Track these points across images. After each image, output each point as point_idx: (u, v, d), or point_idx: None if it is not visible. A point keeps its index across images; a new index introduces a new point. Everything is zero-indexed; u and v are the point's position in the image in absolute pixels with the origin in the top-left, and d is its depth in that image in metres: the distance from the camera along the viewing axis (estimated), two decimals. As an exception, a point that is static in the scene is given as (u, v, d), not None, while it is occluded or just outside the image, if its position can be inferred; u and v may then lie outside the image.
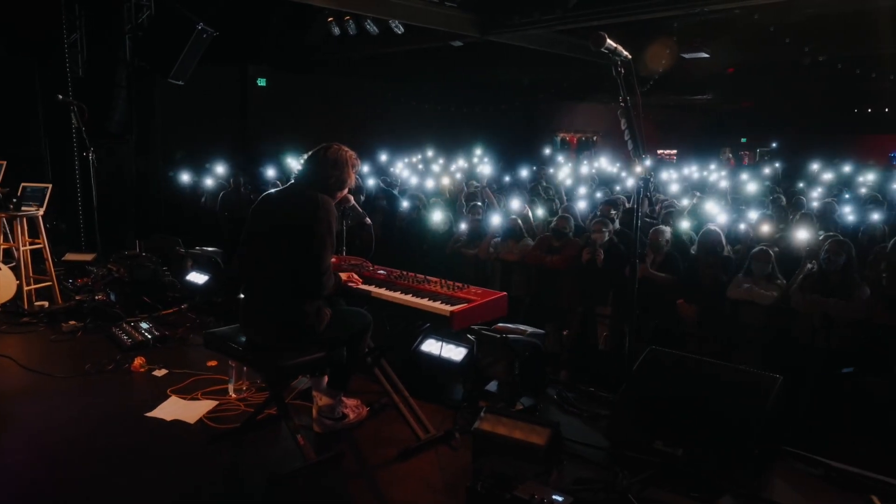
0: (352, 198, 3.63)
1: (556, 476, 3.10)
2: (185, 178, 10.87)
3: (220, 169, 11.57)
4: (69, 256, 7.23)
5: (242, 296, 3.36)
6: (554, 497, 2.77)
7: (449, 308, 3.12)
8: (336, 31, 11.26)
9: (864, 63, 12.80)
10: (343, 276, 3.47)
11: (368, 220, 3.77)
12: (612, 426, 3.53)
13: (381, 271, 3.72)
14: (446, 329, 4.07)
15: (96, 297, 5.81)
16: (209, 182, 10.80)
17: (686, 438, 3.15)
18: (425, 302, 3.25)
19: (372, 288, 3.49)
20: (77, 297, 6.01)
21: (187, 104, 12.54)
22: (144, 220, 8.83)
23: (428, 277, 3.56)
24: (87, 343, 5.10)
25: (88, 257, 7.13)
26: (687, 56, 10.80)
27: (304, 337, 3.20)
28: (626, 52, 2.59)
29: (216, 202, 9.89)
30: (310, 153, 3.38)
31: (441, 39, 12.27)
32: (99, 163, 7.50)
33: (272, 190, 3.53)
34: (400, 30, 10.75)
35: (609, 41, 2.52)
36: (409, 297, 3.33)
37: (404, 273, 3.67)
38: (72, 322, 5.38)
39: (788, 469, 3.27)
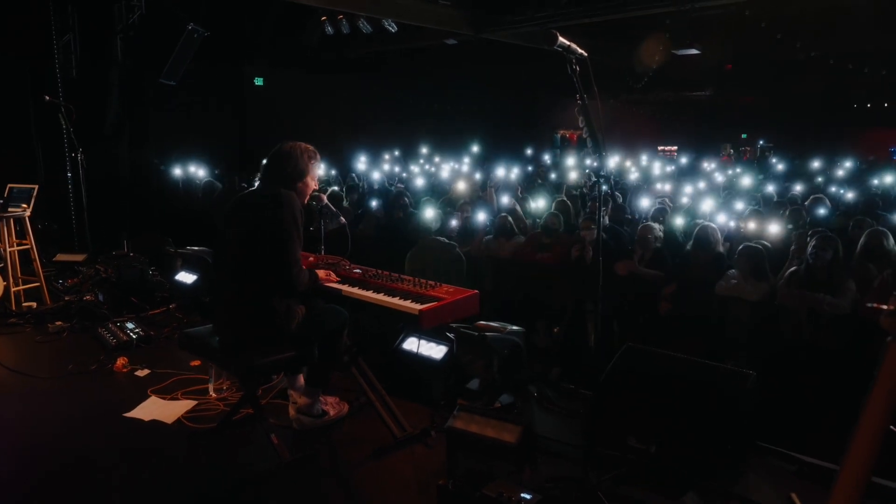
0: (324, 197, 3.64)
1: (529, 473, 3.10)
2: (179, 177, 10.89)
3: (216, 168, 11.58)
4: (60, 257, 7.25)
5: (214, 296, 3.37)
6: (522, 495, 2.76)
7: (418, 307, 3.12)
8: (329, 30, 11.25)
9: (856, 58, 12.72)
10: (321, 273, 3.47)
11: (343, 220, 3.77)
12: (587, 423, 3.53)
13: (357, 270, 3.72)
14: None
15: (84, 298, 5.83)
16: (205, 181, 10.80)
17: (659, 435, 3.14)
18: (396, 301, 3.25)
19: (344, 287, 3.49)
20: (66, 298, 6.03)
21: (184, 103, 12.57)
22: (136, 219, 8.85)
23: (402, 276, 3.56)
24: (72, 343, 5.12)
25: (79, 258, 7.15)
26: (679, 52, 10.75)
27: (274, 335, 3.20)
28: (580, 50, 2.58)
29: (211, 201, 9.89)
30: (268, 155, 3.41)
31: (435, 38, 12.26)
32: (91, 163, 7.53)
33: (240, 194, 3.55)
34: (393, 28, 10.74)
35: (562, 39, 2.51)
36: (380, 296, 3.33)
37: (379, 272, 3.66)
38: (58, 322, 5.40)
39: (762, 464, 3.26)
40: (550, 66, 16.32)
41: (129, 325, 5.18)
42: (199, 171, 11.38)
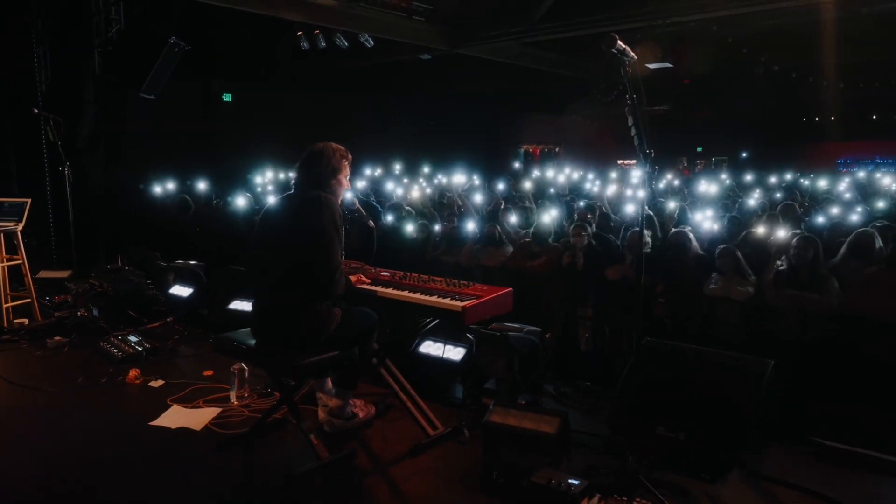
0: (357, 201, 3.70)
1: (566, 465, 3.20)
2: (155, 192, 10.75)
3: (190, 184, 11.46)
4: (43, 274, 7.07)
5: (253, 300, 3.40)
6: (570, 481, 2.87)
7: (460, 304, 3.22)
8: (305, 45, 11.31)
9: (816, 73, 13.40)
10: (353, 277, 3.53)
11: (371, 224, 3.84)
12: (613, 415, 3.66)
13: (385, 273, 3.80)
14: (447, 328, 4.18)
15: (78, 313, 5.71)
16: (178, 197, 10.65)
17: (686, 423, 3.30)
18: (435, 299, 3.34)
19: (378, 288, 3.56)
20: (56, 314, 5.90)
21: (153, 120, 12.42)
22: (116, 234, 8.70)
23: (432, 277, 3.66)
24: (74, 358, 5.03)
25: (64, 274, 7.00)
26: (651, 66, 11.17)
27: (315, 337, 3.25)
28: (633, 54, 2.76)
29: (186, 217, 9.78)
30: (301, 157, 3.45)
31: (410, 53, 12.43)
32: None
33: (276, 198, 3.58)
34: (370, 43, 10.86)
35: (619, 42, 2.68)
36: (418, 296, 3.41)
37: (407, 273, 3.75)
38: (57, 338, 5.29)
39: (781, 448, 3.44)
40: (515, 84, 16.72)
41: (132, 338, 5.12)
42: (169, 187, 11.23)
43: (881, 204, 8.57)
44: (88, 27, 8.50)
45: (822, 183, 13.24)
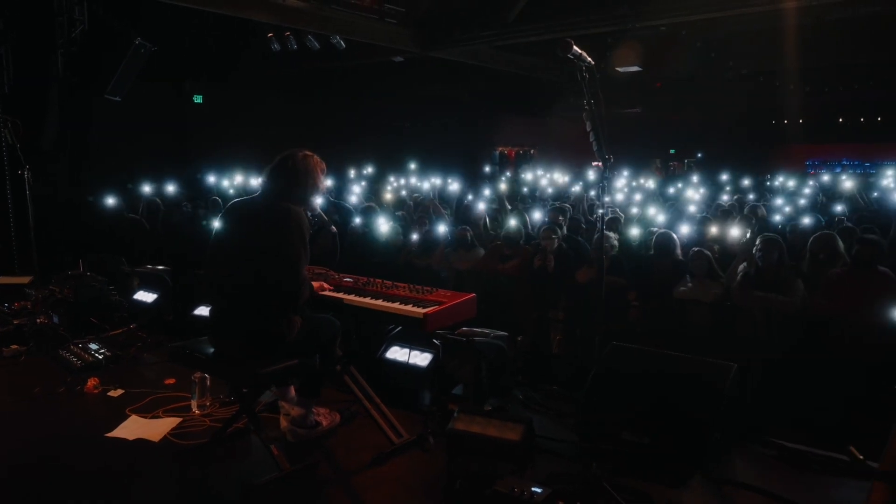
0: (316, 206, 3.64)
1: (531, 471, 3.18)
2: (124, 196, 10.56)
3: (160, 187, 11.27)
4: (2, 280, 6.88)
5: (211, 307, 3.32)
6: (533, 489, 2.84)
7: (422, 310, 3.17)
8: (276, 46, 11.18)
9: (782, 77, 13.62)
10: (315, 284, 3.47)
11: (333, 229, 3.78)
12: (580, 421, 3.65)
13: (348, 279, 3.74)
14: (415, 334, 4.13)
15: (38, 320, 5.56)
16: (145, 200, 10.48)
17: (651, 427, 3.29)
18: (397, 306, 3.29)
19: (341, 295, 3.51)
20: (15, 322, 5.73)
21: (122, 122, 12.19)
22: (81, 240, 8.51)
23: (396, 283, 3.61)
24: (31, 367, 4.89)
25: (24, 280, 6.80)
26: (621, 69, 11.25)
27: (275, 346, 3.18)
28: (589, 58, 2.74)
29: (155, 221, 9.62)
30: (275, 163, 3.35)
31: (382, 55, 12.37)
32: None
33: (238, 200, 3.49)
34: (341, 45, 10.78)
35: (575, 47, 2.67)
36: (380, 302, 3.36)
37: (371, 279, 3.70)
38: (13, 346, 5.14)
39: (745, 450, 3.45)
40: (490, 86, 16.72)
41: (93, 346, 5.00)
42: (141, 190, 11.05)
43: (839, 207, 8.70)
44: (51, 27, 8.31)
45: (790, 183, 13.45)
